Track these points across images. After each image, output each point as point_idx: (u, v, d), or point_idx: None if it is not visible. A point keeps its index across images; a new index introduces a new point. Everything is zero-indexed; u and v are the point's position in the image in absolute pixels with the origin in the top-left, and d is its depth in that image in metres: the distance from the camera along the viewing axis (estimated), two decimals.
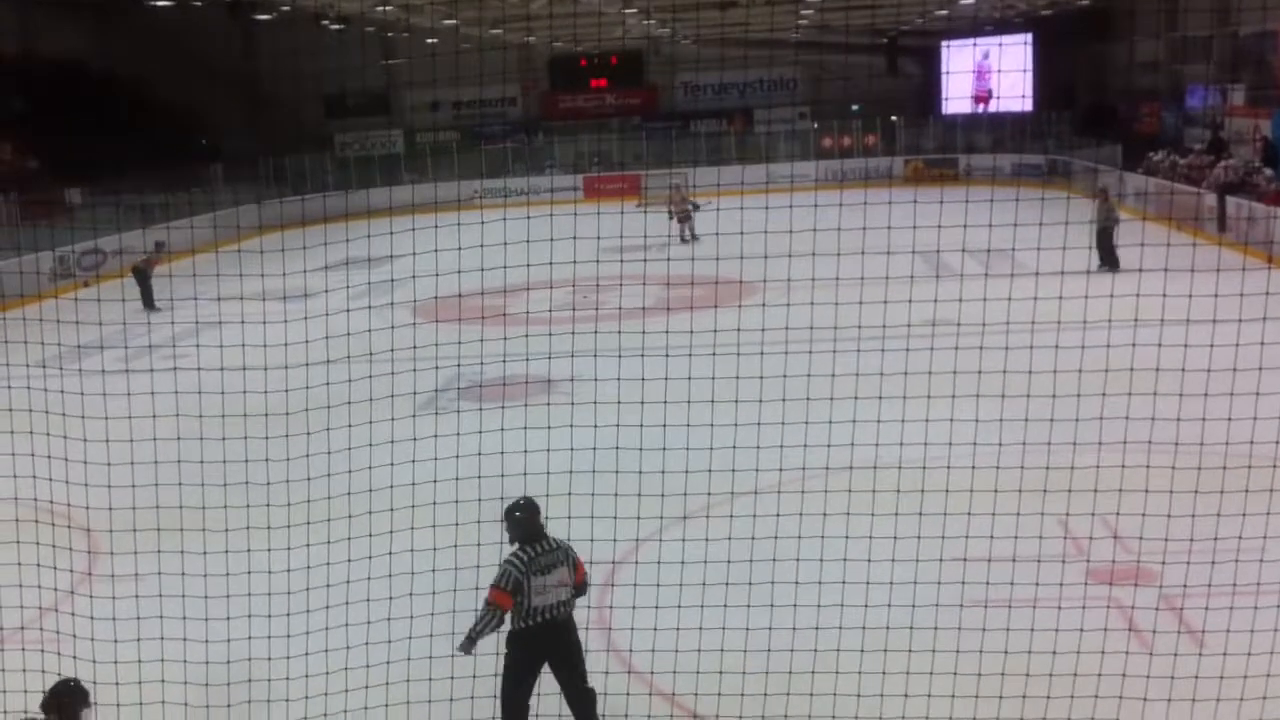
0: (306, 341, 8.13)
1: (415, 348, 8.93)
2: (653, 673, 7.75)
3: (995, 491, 7.58)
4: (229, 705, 7.54)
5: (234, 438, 8.50)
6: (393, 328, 8.35)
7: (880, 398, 7.91)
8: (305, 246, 8.60)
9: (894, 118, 44.41)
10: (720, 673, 7.07)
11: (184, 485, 8.17)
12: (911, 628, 7.12)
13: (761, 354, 7.88)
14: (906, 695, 6.74)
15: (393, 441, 8.13)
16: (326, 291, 10.63)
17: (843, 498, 7.58)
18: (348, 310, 9.03)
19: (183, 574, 7.71)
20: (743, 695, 6.93)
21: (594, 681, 7.24)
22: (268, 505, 7.79)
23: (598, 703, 7.21)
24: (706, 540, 7.85)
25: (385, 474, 7.88)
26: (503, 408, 8.40)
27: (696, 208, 28.45)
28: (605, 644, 8.35)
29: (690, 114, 48.91)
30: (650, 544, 9.12)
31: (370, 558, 7.58)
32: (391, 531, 7.58)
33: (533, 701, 7.16)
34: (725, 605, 7.16)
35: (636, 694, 7.57)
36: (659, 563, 7.59)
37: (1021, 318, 8.17)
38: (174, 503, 8.19)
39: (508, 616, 7.05)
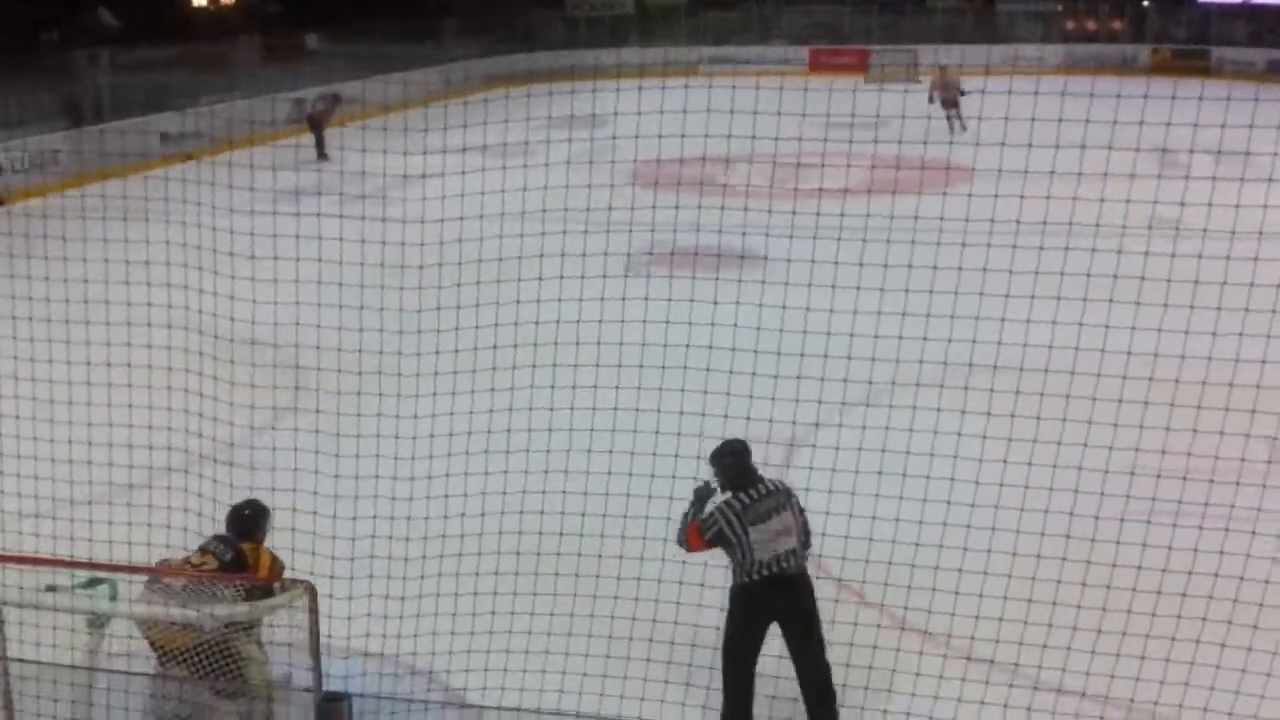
0: (522, 191, 8.24)
1: (611, 209, 8.96)
2: (820, 555, 7.76)
3: (1199, 408, 7.28)
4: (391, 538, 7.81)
5: (431, 286, 8.75)
6: (590, 188, 8.35)
7: (1079, 299, 7.62)
8: (530, 100, 8.68)
9: (1144, 2, 41.97)
10: (889, 563, 7.02)
11: (385, 331, 8.47)
12: (1067, 536, 6.93)
13: (962, 245, 7.66)
14: (1055, 603, 6.60)
15: (580, 299, 8.23)
16: (540, 144, 10.73)
17: (1008, 398, 7.39)
18: (562, 165, 9.14)
19: (378, 414, 8.07)
20: (909, 587, 6.90)
21: None
22: (455, 351, 7.98)
23: (834, 676, 6.60)
24: (887, 428, 7.74)
25: (571, 330, 7.98)
26: (693, 278, 8.37)
27: (964, 93, 24.99)
28: None
29: None
30: (823, 429, 9.09)
31: (551, 409, 7.72)
32: (574, 386, 7.69)
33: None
34: (902, 496, 7.07)
35: (822, 578, 7.60)
36: (814, 446, 7.53)
37: (1249, 226, 7.72)
38: (375, 346, 8.49)
39: (729, 572, 6.54)
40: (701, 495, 6.65)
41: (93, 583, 6.64)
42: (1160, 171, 8.34)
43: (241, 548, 6.90)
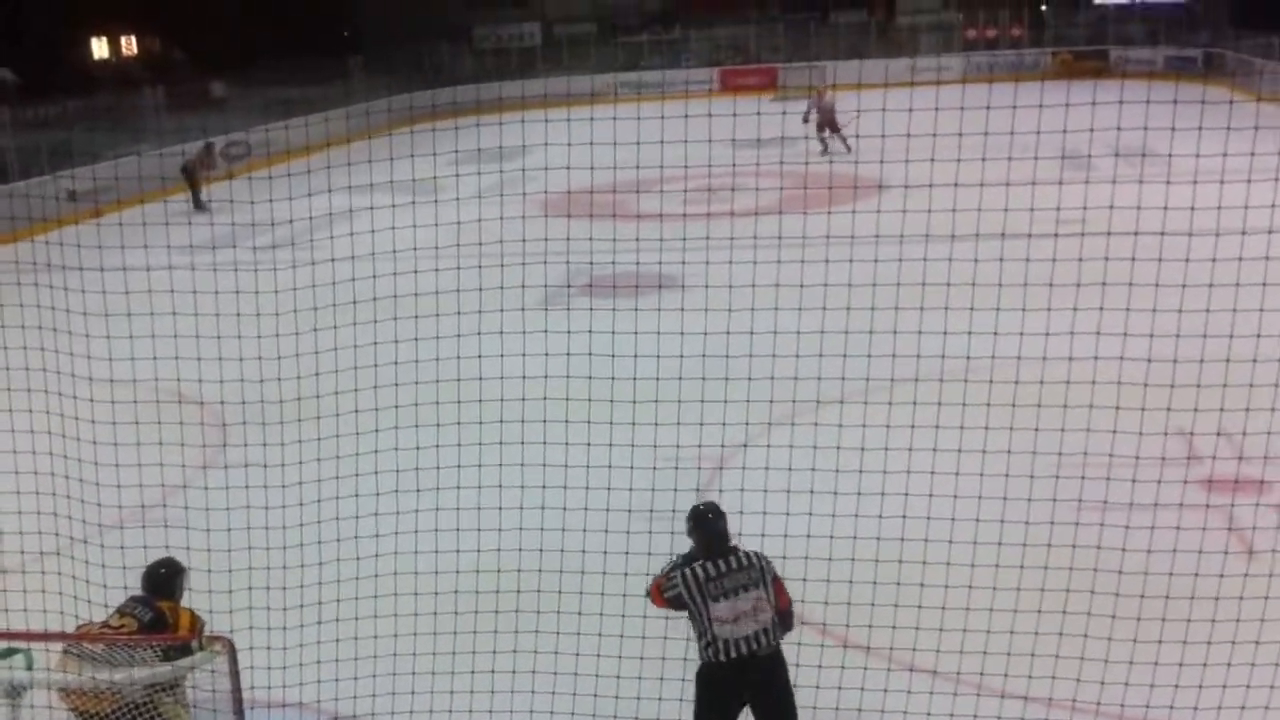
0: (434, 227, 8.14)
1: (525, 240, 8.90)
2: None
3: (1117, 408, 7.35)
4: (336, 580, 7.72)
5: (346, 325, 8.61)
6: (504, 219, 8.28)
7: (991, 309, 7.68)
8: (437, 135, 8.61)
9: (1043, 7, 42.81)
10: (827, 580, 6.99)
11: (301, 378, 8.32)
12: (999, 543, 6.96)
13: (875, 261, 7.69)
14: (991, 609, 6.60)
15: (501, 333, 8.14)
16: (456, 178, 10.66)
17: (955, 408, 7.41)
18: (473, 199, 9.06)
19: (299, 462, 7.91)
20: (849, 604, 6.88)
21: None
22: (374, 387, 7.85)
23: None
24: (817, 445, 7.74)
25: (495, 365, 7.89)
26: (613, 310, 8.34)
27: (837, 119, 24.39)
28: None
29: (830, 2, 47.63)
30: (744, 448, 9.07)
31: (480, 444, 7.62)
32: (501, 421, 7.60)
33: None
34: (833, 513, 7.06)
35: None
36: (744, 468, 7.51)
37: (1179, 227, 7.81)
38: (292, 394, 8.34)
39: (692, 646, 6.15)
40: (689, 556, 6.27)
41: (7, 653, 6.45)
42: (1061, 176, 8.43)
43: (160, 607, 6.74)
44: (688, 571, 6.04)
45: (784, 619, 6.12)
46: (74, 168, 26.23)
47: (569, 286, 13.93)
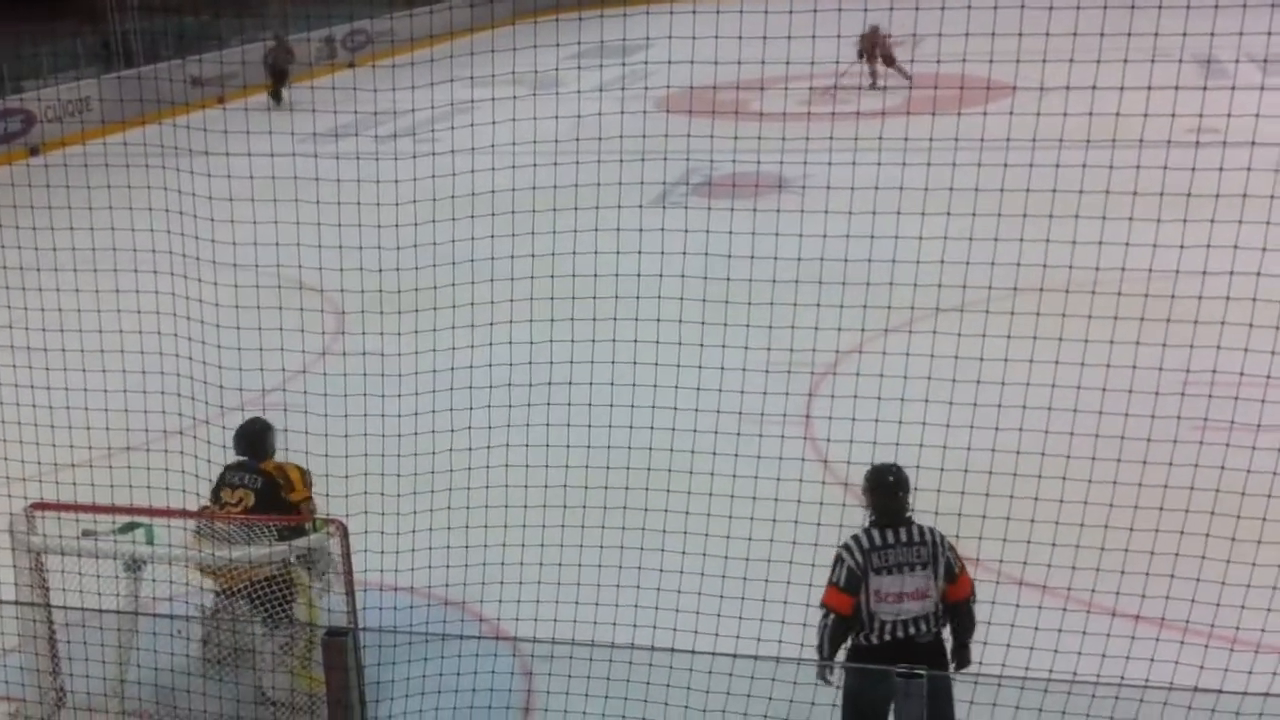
0: (554, 120, 8.09)
1: (645, 136, 8.78)
2: (846, 484, 7.63)
3: (1250, 325, 7.09)
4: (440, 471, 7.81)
5: (464, 217, 8.63)
6: (624, 114, 8.20)
7: (1124, 218, 7.41)
8: (559, 27, 8.53)
9: None
10: (938, 490, 6.90)
11: (418, 269, 8.37)
12: (1119, 460, 6.77)
13: (1004, 165, 7.44)
14: (1106, 526, 6.46)
15: (618, 229, 8.09)
16: (576, 74, 10.55)
17: (1080, 321, 7.20)
18: (594, 93, 8.98)
19: (415, 352, 8.00)
20: (959, 515, 6.77)
21: (804, 492, 7.05)
22: (490, 280, 7.88)
23: None
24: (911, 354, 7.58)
25: (610, 262, 7.85)
26: (731, 210, 8.23)
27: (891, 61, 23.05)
28: (816, 455, 8.31)
29: None
30: (856, 355, 8.96)
31: (594, 341, 7.61)
32: (615, 319, 7.58)
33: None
34: (947, 423, 6.93)
35: (851, 506, 7.49)
36: (858, 374, 7.40)
37: None
38: (410, 284, 8.40)
39: (796, 569, 5.98)
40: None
41: (129, 527, 6.68)
42: (1205, 82, 8.06)
43: (266, 470, 7.07)
44: (851, 542, 5.68)
45: (954, 612, 5.67)
46: (200, 53, 26.59)
47: (687, 184, 13.82)
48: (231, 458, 7.19)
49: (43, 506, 6.84)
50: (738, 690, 5.74)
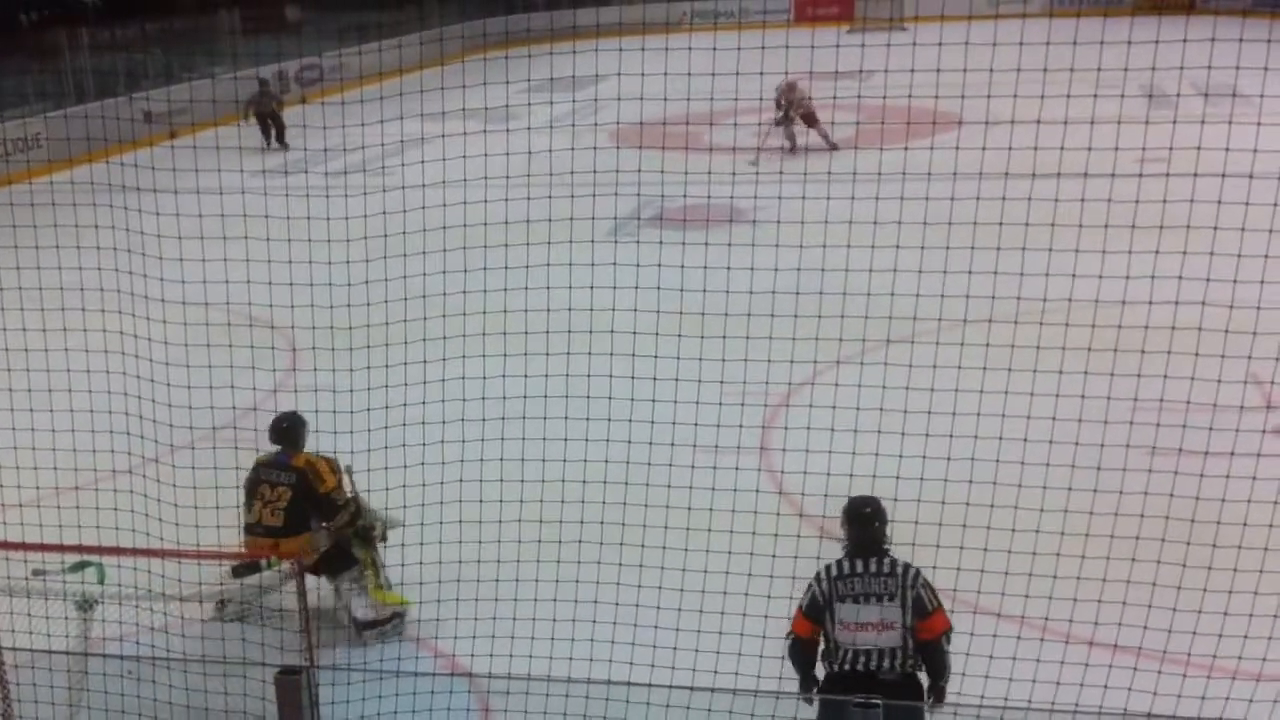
0: (505, 156, 8.10)
1: (596, 171, 8.82)
2: (825, 516, 7.66)
3: (1196, 354, 7.19)
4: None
5: (416, 253, 8.61)
6: (574, 150, 8.21)
7: (1088, 250, 7.51)
8: (509, 62, 8.56)
9: None
10: (892, 521, 6.92)
11: (370, 305, 8.34)
12: (1069, 489, 6.83)
13: (951, 199, 7.54)
14: (1063, 534, 6.50)
15: (571, 264, 8.09)
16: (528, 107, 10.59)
17: (1029, 351, 7.27)
18: (545, 129, 9.01)
19: (367, 388, 7.96)
20: (913, 545, 6.81)
21: (759, 523, 7.09)
22: (443, 315, 7.86)
23: None
24: (870, 384, 7.64)
25: (564, 296, 7.86)
26: (683, 243, 8.28)
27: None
28: (773, 485, 8.33)
29: None
30: (810, 386, 9.00)
31: (547, 376, 7.60)
32: (568, 353, 7.59)
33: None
34: (900, 454, 6.98)
35: (808, 537, 7.53)
36: (811, 405, 7.46)
37: (1268, 170, 7.59)
38: (362, 320, 8.36)
39: (775, 603, 5.98)
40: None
41: (80, 566, 6.61)
42: (1148, 115, 8.21)
43: (297, 465, 7.60)
44: (823, 570, 5.72)
45: (925, 650, 5.54)
46: (150, 89, 26.45)
47: (638, 219, 13.88)
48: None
49: None
50: None
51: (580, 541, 7.10)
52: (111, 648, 6.81)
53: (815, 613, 5.67)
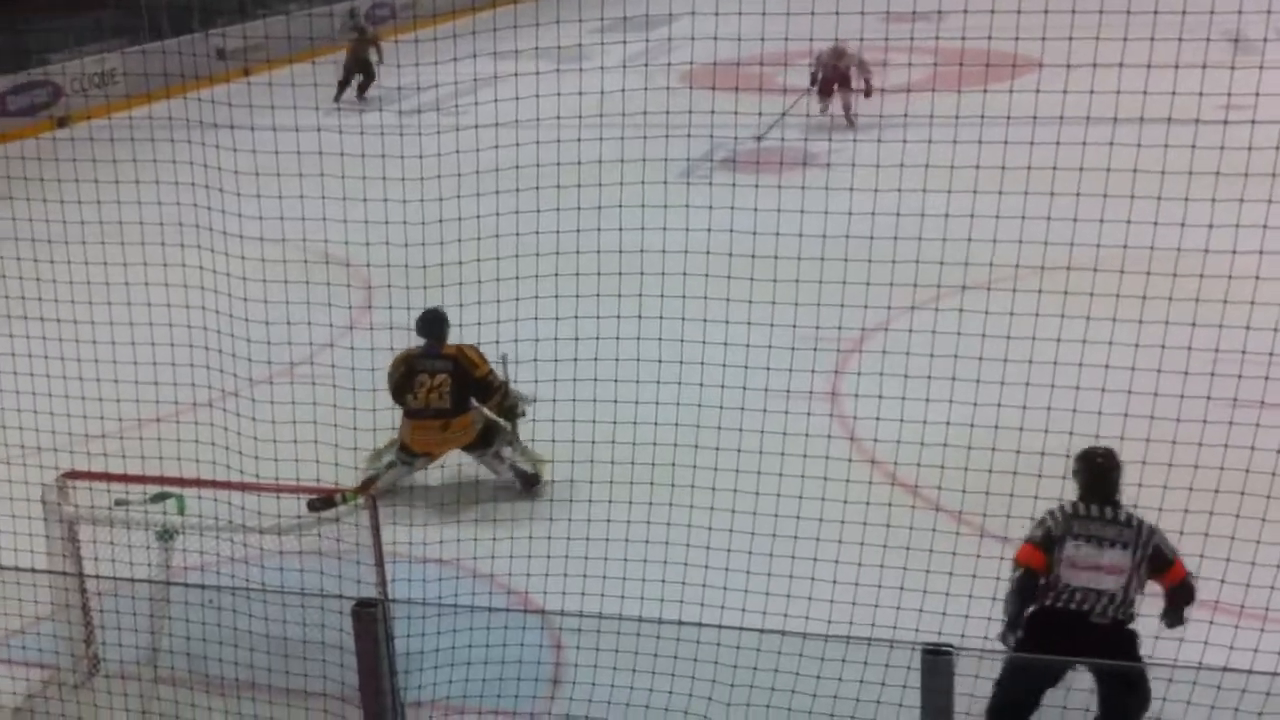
0: (578, 96, 8.06)
1: (669, 112, 8.78)
2: (896, 464, 7.66)
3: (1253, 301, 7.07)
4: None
5: (489, 192, 8.63)
6: (648, 90, 8.15)
7: (1153, 196, 7.38)
8: (584, 1, 8.51)
9: None
10: (965, 469, 6.90)
11: (444, 244, 8.39)
12: (1147, 440, 6.74)
13: (1031, 144, 7.40)
14: (1140, 485, 6.44)
15: (643, 206, 8.06)
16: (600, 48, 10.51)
17: (1108, 299, 7.18)
18: (617, 69, 8.95)
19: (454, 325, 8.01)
20: (988, 494, 6.79)
21: (830, 468, 7.06)
22: (516, 256, 7.87)
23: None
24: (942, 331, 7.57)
25: (635, 238, 7.84)
26: (756, 186, 8.22)
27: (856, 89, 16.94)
28: (844, 431, 8.31)
29: None
30: (880, 333, 8.94)
31: (618, 317, 7.62)
32: (640, 295, 7.59)
33: None
34: (974, 401, 6.92)
35: (879, 483, 7.53)
36: (885, 352, 7.39)
37: None
38: (435, 258, 8.42)
39: (822, 545, 6.19)
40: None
41: (160, 497, 6.75)
42: (1233, 60, 8.00)
43: (449, 354, 8.59)
44: (1058, 508, 5.87)
45: (1172, 597, 5.76)
46: (224, 26, 26.56)
47: (711, 161, 13.77)
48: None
49: (75, 475, 6.91)
50: (765, 665, 5.78)
51: (652, 483, 7.14)
52: (192, 577, 6.97)
53: (1048, 545, 5.78)
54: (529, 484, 8.67)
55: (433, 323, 8.71)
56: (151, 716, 6.70)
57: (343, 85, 22.65)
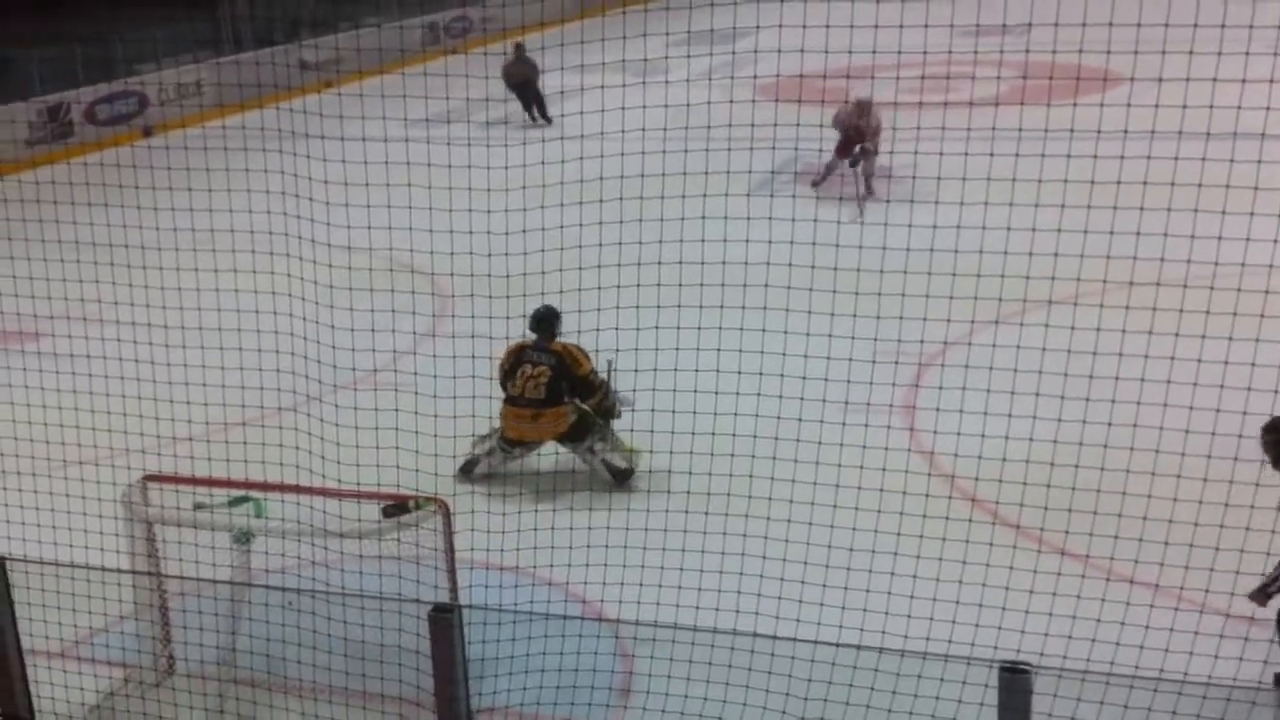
0: (664, 108, 8.07)
1: (754, 125, 8.75)
2: (977, 479, 7.57)
3: None
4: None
5: (571, 203, 8.66)
6: (732, 102, 8.15)
7: (1245, 213, 7.23)
8: (668, 14, 8.51)
9: None
10: (1048, 486, 6.80)
11: (527, 254, 8.42)
12: (1239, 435, 6.58)
13: (1121, 158, 7.28)
14: (1227, 505, 6.32)
15: (726, 218, 8.03)
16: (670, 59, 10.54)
17: (1197, 316, 7.03)
18: (699, 81, 8.96)
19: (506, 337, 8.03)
20: (1069, 511, 6.68)
21: (897, 481, 6.97)
22: (598, 266, 7.90)
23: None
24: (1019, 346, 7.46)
25: (717, 250, 7.81)
26: (839, 199, 8.17)
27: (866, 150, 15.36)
28: (921, 446, 8.23)
29: None
30: (959, 347, 8.84)
31: (699, 329, 7.59)
32: (722, 307, 7.56)
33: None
34: (1058, 417, 6.80)
35: (937, 496, 7.43)
36: (967, 366, 7.30)
37: None
38: (515, 268, 8.45)
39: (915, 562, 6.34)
40: None
41: (239, 500, 6.83)
42: None
43: (556, 350, 9.01)
44: None
45: None
46: (306, 39, 26.97)
47: (795, 173, 13.74)
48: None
49: (156, 479, 7.03)
50: (840, 680, 5.73)
51: (729, 494, 7.11)
52: (269, 580, 7.04)
53: None
54: (620, 479, 9.03)
55: (544, 319, 9.17)
56: (227, 716, 6.79)
57: (528, 109, 21.86)
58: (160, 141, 18.98)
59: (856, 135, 15.40)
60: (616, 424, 9.30)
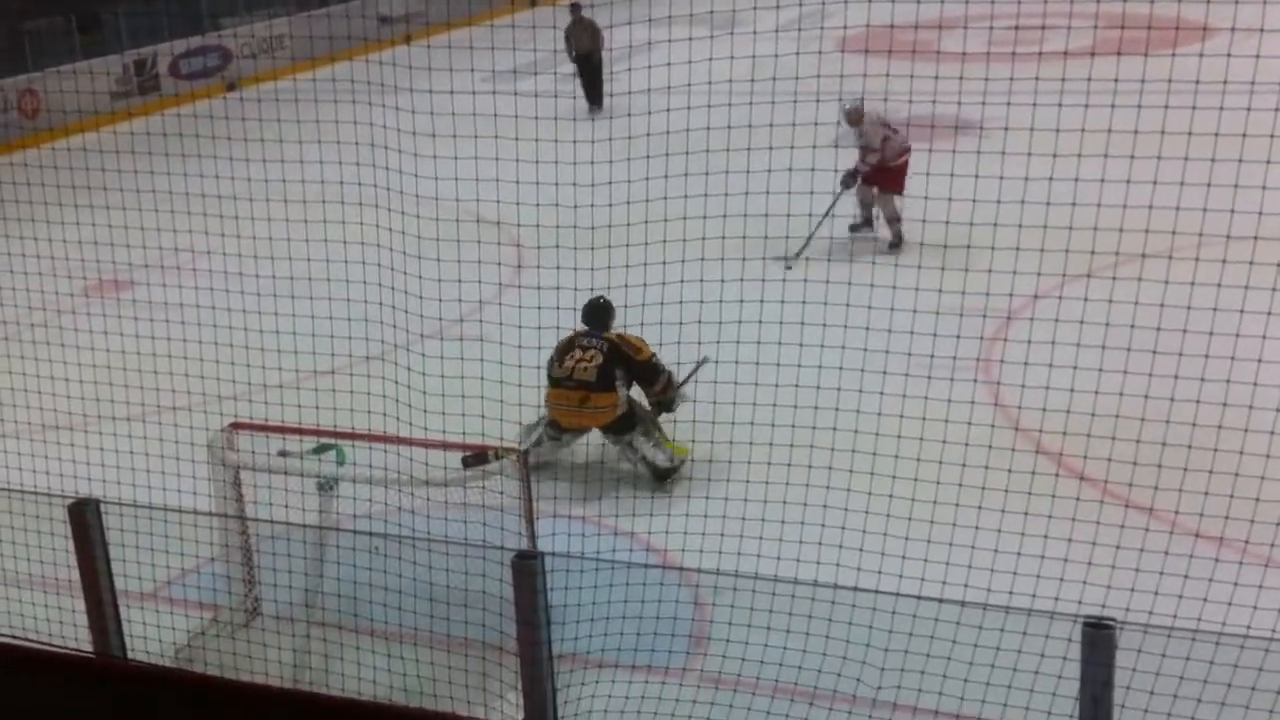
0: (729, 60, 8.02)
1: (820, 76, 8.67)
2: (1065, 433, 7.49)
3: None
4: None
5: (639, 157, 8.63)
6: (802, 54, 8.07)
7: None
8: None
9: None
10: (1113, 438, 6.72)
11: (613, 205, 8.41)
12: None
13: (1192, 109, 7.10)
14: None
15: (790, 170, 7.97)
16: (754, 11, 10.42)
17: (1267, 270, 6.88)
18: (771, 34, 8.87)
19: (590, 289, 8.01)
20: (1135, 464, 6.60)
21: (982, 435, 6.89)
22: (663, 220, 7.88)
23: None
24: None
25: (782, 202, 7.73)
26: (929, 149, 8.07)
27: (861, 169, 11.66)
28: (1006, 400, 8.16)
29: None
30: (1040, 301, 8.72)
31: (763, 280, 7.56)
32: (806, 258, 7.54)
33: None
34: (1125, 371, 6.70)
35: (1022, 450, 7.37)
36: (1057, 320, 7.18)
37: None
38: (592, 220, 8.46)
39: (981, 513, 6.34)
40: None
41: (322, 449, 6.94)
42: None
43: (609, 338, 8.87)
44: None
45: None
46: None
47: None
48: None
49: (242, 426, 7.16)
50: (920, 632, 5.72)
51: (813, 446, 7.09)
52: (356, 525, 7.15)
53: None
54: (660, 476, 8.75)
55: (595, 310, 9.06)
56: (310, 657, 6.91)
57: (587, 89, 17.96)
58: (244, 95, 19.18)
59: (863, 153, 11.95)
60: (664, 418, 9.03)
